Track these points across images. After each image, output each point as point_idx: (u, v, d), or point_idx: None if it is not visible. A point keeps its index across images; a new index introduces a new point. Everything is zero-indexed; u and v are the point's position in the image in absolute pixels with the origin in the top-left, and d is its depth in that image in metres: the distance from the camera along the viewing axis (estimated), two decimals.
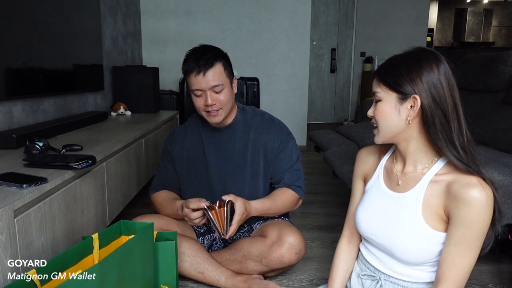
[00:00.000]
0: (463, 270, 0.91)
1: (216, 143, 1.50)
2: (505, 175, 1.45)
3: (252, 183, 1.50)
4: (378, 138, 1.01)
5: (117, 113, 2.77)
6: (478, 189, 0.87)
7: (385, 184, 1.06)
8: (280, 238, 1.40)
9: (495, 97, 2.13)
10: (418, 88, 0.91)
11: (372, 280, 1.09)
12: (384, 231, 1.00)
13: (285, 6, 3.82)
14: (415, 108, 0.92)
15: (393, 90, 0.94)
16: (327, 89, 6.03)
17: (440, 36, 8.50)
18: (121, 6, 3.21)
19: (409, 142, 0.98)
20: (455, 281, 0.91)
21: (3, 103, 1.69)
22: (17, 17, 1.70)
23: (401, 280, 1.04)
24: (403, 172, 1.02)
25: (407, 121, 0.94)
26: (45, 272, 0.92)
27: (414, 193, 0.98)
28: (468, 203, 0.87)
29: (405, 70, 0.92)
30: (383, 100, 0.96)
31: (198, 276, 1.43)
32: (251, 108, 1.57)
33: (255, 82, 3.53)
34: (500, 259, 1.73)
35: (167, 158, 1.57)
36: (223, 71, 1.38)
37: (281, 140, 1.49)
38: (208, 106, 1.37)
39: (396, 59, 0.96)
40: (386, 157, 1.10)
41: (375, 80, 0.99)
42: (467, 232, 0.89)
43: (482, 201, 0.87)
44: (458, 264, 0.90)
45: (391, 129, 0.97)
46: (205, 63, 1.34)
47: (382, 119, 0.97)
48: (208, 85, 1.35)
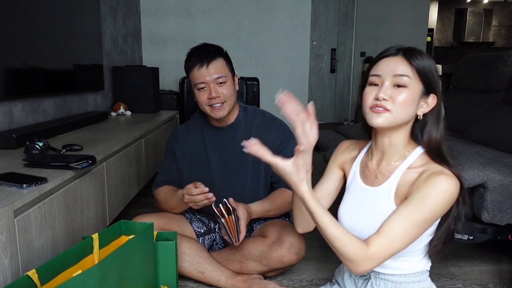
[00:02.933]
0: (393, 239, 0.90)
1: (218, 142, 1.51)
2: (505, 175, 1.45)
3: (254, 182, 1.50)
4: (383, 120, 0.93)
5: (117, 113, 2.77)
6: (445, 177, 0.90)
7: (361, 179, 1.08)
8: (280, 238, 1.40)
9: (495, 97, 2.13)
10: (437, 86, 0.94)
11: (364, 279, 1.11)
12: (364, 225, 1.01)
13: (285, 6, 3.82)
14: (429, 104, 0.95)
15: (422, 82, 0.93)
16: (327, 89, 6.03)
17: (440, 36, 8.50)
18: (121, 6, 3.21)
19: (399, 134, 0.99)
20: (381, 246, 0.90)
21: (3, 103, 1.69)
22: (17, 17, 1.70)
23: (390, 275, 1.05)
24: (379, 166, 1.03)
25: (418, 115, 0.96)
26: (45, 272, 0.92)
27: (388, 184, 0.99)
28: (431, 185, 0.89)
29: (430, 63, 0.93)
30: (409, 87, 0.92)
31: (198, 276, 1.43)
32: (253, 107, 1.58)
33: (255, 82, 3.53)
34: (500, 259, 1.73)
35: (170, 155, 1.58)
36: (225, 65, 1.43)
37: (282, 139, 1.49)
38: (212, 99, 1.39)
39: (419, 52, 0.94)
40: (362, 153, 1.12)
41: (403, 61, 0.93)
42: (415, 207, 0.89)
43: (444, 187, 0.89)
44: (392, 232, 0.90)
45: (403, 119, 0.94)
46: (208, 56, 1.38)
47: (401, 107, 0.92)
48: (211, 77, 1.38)
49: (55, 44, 2.05)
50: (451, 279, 1.57)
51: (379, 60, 0.96)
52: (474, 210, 1.51)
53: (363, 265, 0.90)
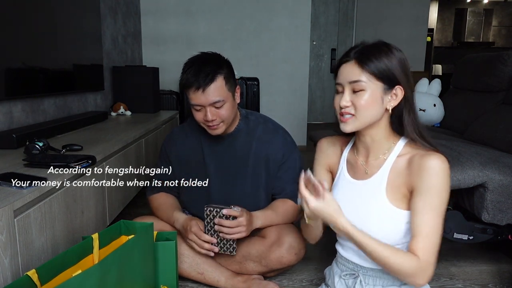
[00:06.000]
0: (433, 240, 0.93)
1: (217, 150, 1.47)
2: (505, 175, 1.45)
3: (253, 193, 1.47)
4: (351, 126, 1.00)
5: (117, 113, 2.77)
6: (437, 157, 0.94)
7: (349, 175, 1.09)
8: (279, 239, 1.40)
9: (495, 97, 2.13)
10: (401, 78, 0.96)
11: (353, 278, 1.11)
12: (354, 219, 1.01)
13: (285, 6, 3.82)
14: (398, 97, 0.97)
15: (379, 80, 0.96)
16: (327, 89, 6.03)
17: (440, 36, 8.50)
18: (121, 6, 3.21)
19: (377, 130, 1.02)
20: (427, 250, 0.93)
21: (3, 103, 1.69)
22: (17, 17, 1.70)
23: (379, 271, 1.06)
24: (367, 162, 1.06)
25: (388, 110, 0.98)
26: (45, 272, 0.93)
27: (378, 177, 1.02)
28: (429, 170, 0.93)
29: (387, 61, 0.95)
30: (367, 90, 0.96)
31: (198, 276, 1.43)
32: (254, 115, 1.52)
33: (255, 82, 3.53)
34: (500, 259, 1.73)
35: (164, 160, 1.55)
36: (224, 85, 1.31)
37: (284, 152, 1.46)
38: (208, 121, 1.33)
39: (372, 49, 0.98)
40: (347, 150, 1.13)
41: (355, 67, 0.96)
42: (431, 200, 0.93)
43: (441, 167, 0.93)
44: (428, 233, 0.93)
45: (371, 119, 0.99)
46: (205, 78, 1.27)
47: (364, 109, 0.97)
48: (208, 102, 1.29)
49: (55, 44, 2.05)
50: (451, 279, 1.57)
51: (339, 67, 1.01)
52: (474, 210, 1.52)
53: (422, 276, 0.93)
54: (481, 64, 2.28)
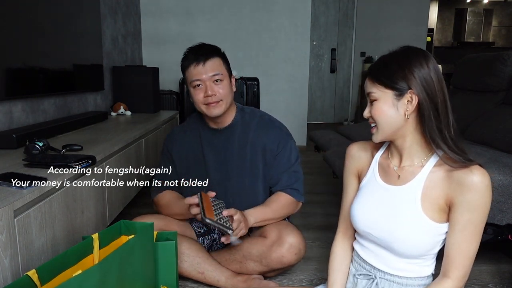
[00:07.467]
0: (470, 255, 0.94)
1: (215, 144, 1.50)
2: (505, 175, 1.45)
3: (252, 185, 1.49)
4: (377, 137, 1.01)
5: (117, 113, 2.77)
6: (480, 173, 0.91)
7: (381, 179, 1.07)
8: (280, 238, 1.40)
9: (495, 97, 2.13)
10: (413, 83, 0.94)
11: (368, 279, 1.09)
12: (382, 224, 1.00)
13: (285, 6, 3.82)
14: (412, 102, 0.95)
15: (388, 88, 0.96)
16: (327, 89, 6.03)
17: (440, 36, 8.50)
18: (121, 6, 3.21)
19: (406, 137, 1.00)
20: (463, 266, 0.94)
21: (3, 103, 1.69)
22: (17, 17, 1.70)
23: (396, 277, 1.04)
24: (401, 167, 1.03)
25: (406, 116, 0.96)
26: (45, 272, 0.92)
27: (413, 185, 0.99)
28: (472, 187, 0.90)
29: (397, 67, 0.95)
30: (379, 99, 0.97)
31: (198, 276, 1.43)
32: (250, 108, 1.57)
33: (255, 82, 3.53)
34: (500, 259, 1.73)
35: (167, 158, 1.57)
36: (222, 64, 1.41)
37: (279, 141, 1.48)
38: (208, 97, 1.37)
39: (386, 58, 0.99)
40: (380, 153, 1.11)
41: (368, 80, 1.00)
42: (472, 216, 0.92)
43: (485, 184, 0.91)
44: (465, 249, 0.93)
45: (391, 126, 0.98)
46: (204, 54, 1.38)
47: (381, 118, 0.98)
48: (207, 75, 1.37)
49: (55, 44, 2.05)
50: None
51: (366, 78, 1.04)
52: None
53: None
54: (481, 64, 2.28)
